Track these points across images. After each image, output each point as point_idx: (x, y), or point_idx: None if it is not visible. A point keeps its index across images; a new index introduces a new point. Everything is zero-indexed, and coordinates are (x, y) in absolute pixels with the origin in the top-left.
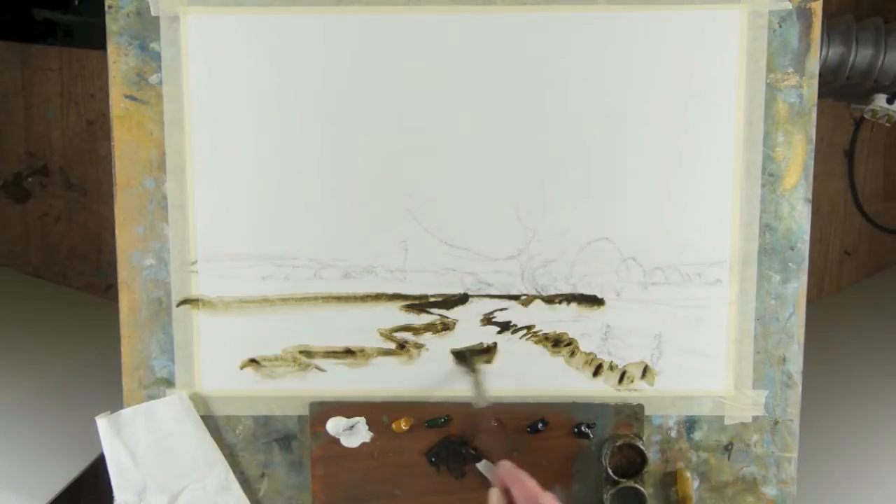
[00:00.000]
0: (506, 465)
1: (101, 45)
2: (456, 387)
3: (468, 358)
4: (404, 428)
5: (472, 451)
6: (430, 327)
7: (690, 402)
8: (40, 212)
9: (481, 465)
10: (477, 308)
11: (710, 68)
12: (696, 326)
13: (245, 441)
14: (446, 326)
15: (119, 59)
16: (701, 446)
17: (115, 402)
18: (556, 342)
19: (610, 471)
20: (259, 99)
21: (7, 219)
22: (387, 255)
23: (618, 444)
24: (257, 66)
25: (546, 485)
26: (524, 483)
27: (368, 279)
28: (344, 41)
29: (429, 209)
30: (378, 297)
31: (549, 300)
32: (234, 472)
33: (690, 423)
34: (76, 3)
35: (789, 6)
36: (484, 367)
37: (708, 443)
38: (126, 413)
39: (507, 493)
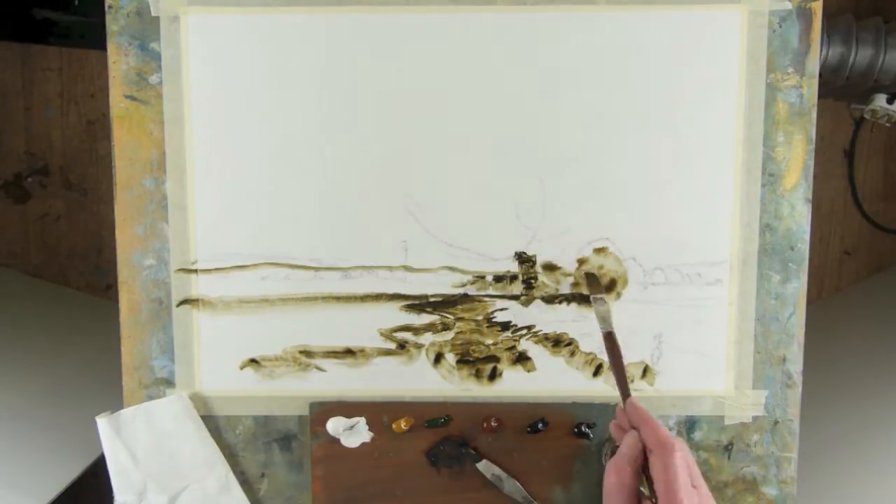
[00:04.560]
0: (634, 404)
1: (101, 45)
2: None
3: (598, 281)
4: (404, 428)
5: (472, 451)
6: (430, 327)
7: (690, 402)
8: (40, 212)
9: (481, 465)
10: (477, 308)
11: (710, 68)
12: (696, 326)
13: (245, 441)
14: (446, 326)
15: (119, 59)
16: (701, 446)
17: (115, 402)
18: (556, 342)
19: None
20: (259, 99)
21: (7, 219)
22: (387, 255)
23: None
24: (257, 65)
25: (546, 485)
26: (655, 426)
27: (368, 279)
28: (344, 41)
29: (429, 209)
30: (378, 297)
31: (549, 300)
32: (234, 472)
33: (690, 423)
34: (76, 3)
35: (789, 6)
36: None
37: (708, 443)
38: (126, 413)
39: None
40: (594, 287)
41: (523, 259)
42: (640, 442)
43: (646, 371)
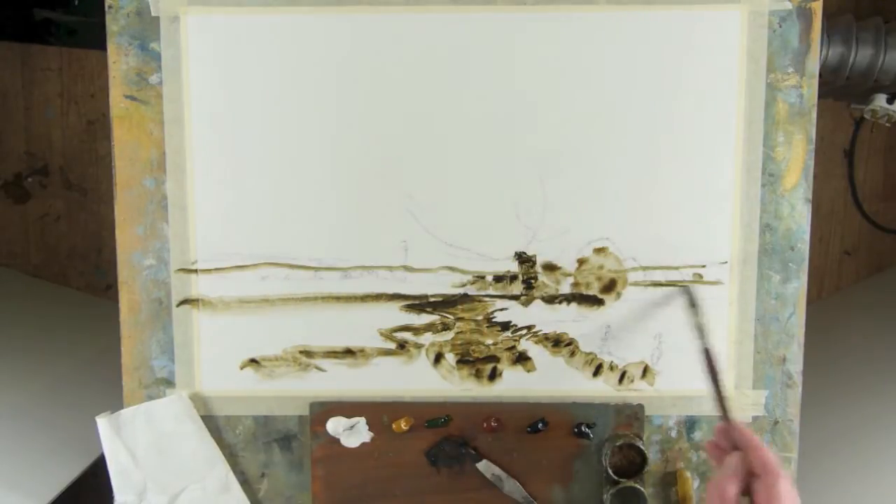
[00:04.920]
0: (740, 426)
1: (101, 45)
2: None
3: (696, 301)
4: (404, 428)
5: (473, 451)
6: (430, 327)
7: (690, 402)
8: (40, 212)
9: (481, 465)
10: (477, 308)
11: (710, 68)
12: None
13: (245, 441)
14: (446, 326)
15: (119, 59)
16: (701, 446)
17: (115, 402)
18: (556, 342)
19: (610, 471)
20: (259, 99)
21: (7, 219)
22: (387, 255)
23: (618, 444)
24: (257, 65)
25: (546, 485)
26: (762, 451)
27: (368, 279)
28: (344, 41)
29: (429, 209)
30: (378, 297)
31: (549, 300)
32: (234, 472)
33: (690, 423)
34: (76, 3)
35: (789, 6)
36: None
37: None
38: (126, 413)
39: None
40: (690, 300)
41: (523, 259)
42: (744, 464)
43: (646, 371)
